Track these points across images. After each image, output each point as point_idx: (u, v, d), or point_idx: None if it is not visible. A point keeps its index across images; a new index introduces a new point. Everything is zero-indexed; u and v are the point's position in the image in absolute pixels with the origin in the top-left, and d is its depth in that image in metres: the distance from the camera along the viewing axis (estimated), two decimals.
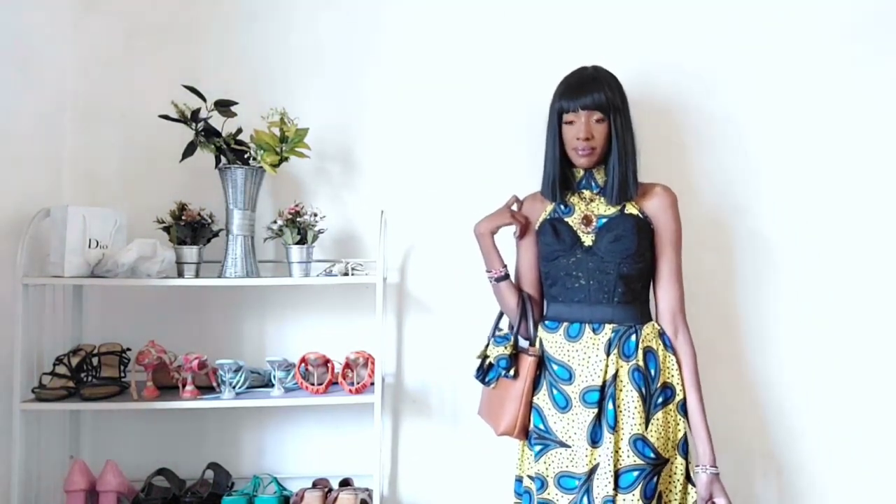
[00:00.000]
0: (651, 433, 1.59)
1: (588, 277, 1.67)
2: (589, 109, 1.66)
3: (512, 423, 1.69)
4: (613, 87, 1.69)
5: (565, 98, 1.70)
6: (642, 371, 1.62)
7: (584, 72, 1.73)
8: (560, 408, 1.66)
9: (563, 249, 1.69)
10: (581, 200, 1.74)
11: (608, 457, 1.58)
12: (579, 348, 1.66)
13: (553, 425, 1.66)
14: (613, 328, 1.65)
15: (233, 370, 1.90)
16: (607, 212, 1.70)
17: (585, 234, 1.70)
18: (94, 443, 2.10)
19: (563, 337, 1.69)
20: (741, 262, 2.17)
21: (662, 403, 1.62)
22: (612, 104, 1.66)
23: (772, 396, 2.15)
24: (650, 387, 1.62)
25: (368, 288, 2.10)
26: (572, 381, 1.65)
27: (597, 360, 1.64)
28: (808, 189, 2.17)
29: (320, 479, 2.04)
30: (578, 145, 1.67)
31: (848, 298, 2.16)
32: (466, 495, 2.15)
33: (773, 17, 2.18)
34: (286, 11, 2.18)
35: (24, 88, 1.97)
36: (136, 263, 1.89)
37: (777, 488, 2.15)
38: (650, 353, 1.65)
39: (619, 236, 1.65)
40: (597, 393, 1.62)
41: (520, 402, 1.68)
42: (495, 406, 1.74)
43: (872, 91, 2.18)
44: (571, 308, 1.70)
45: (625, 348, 1.64)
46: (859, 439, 2.15)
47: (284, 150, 1.95)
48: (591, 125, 1.66)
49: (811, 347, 2.16)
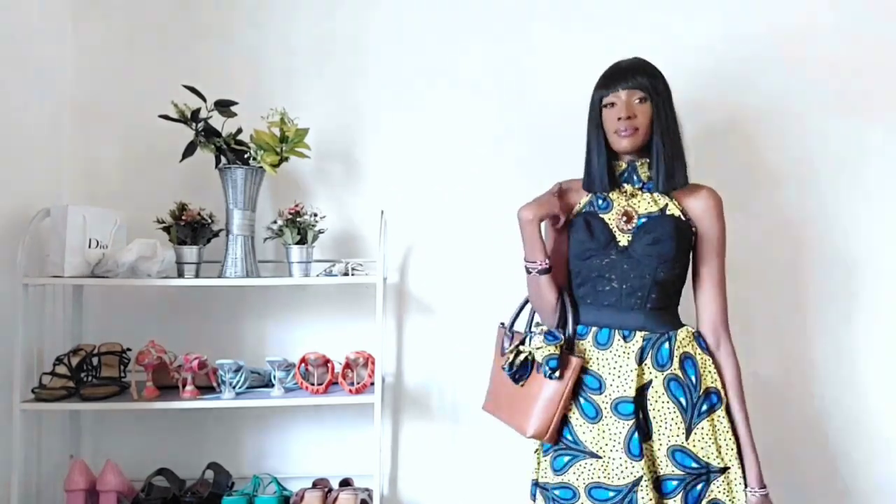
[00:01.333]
0: (694, 443, 1.50)
1: (621, 281, 1.56)
2: (629, 89, 1.56)
3: (546, 426, 1.55)
4: (655, 74, 1.60)
5: (605, 86, 1.60)
6: (680, 381, 1.53)
7: (623, 62, 1.64)
8: (589, 418, 1.55)
9: (597, 248, 1.58)
10: (621, 195, 1.62)
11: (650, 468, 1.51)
12: (609, 357, 1.55)
13: (582, 436, 1.55)
14: (645, 336, 1.54)
15: (233, 370, 1.90)
16: (649, 210, 1.59)
17: (622, 232, 1.58)
18: (94, 443, 2.11)
19: (593, 344, 1.58)
20: (742, 262, 2.16)
21: (708, 411, 1.52)
22: (654, 87, 1.57)
23: (770, 397, 2.15)
24: (691, 395, 1.52)
25: (368, 288, 2.10)
26: (602, 390, 1.55)
27: (628, 369, 1.53)
28: (807, 188, 2.17)
29: (320, 479, 2.04)
30: (620, 126, 1.56)
31: (849, 299, 2.17)
32: (466, 495, 2.15)
33: (771, 9, 2.18)
34: (286, 12, 2.18)
35: (24, 88, 1.97)
36: (136, 263, 1.89)
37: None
38: (688, 358, 1.55)
39: (657, 239, 1.54)
40: (630, 404, 1.52)
41: (557, 405, 1.54)
42: (523, 406, 1.58)
43: (871, 84, 2.18)
44: (601, 312, 1.59)
45: (658, 357, 1.54)
46: (860, 440, 2.15)
47: (284, 150, 1.95)
48: (632, 104, 1.56)
49: (812, 347, 2.16)
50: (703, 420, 1.52)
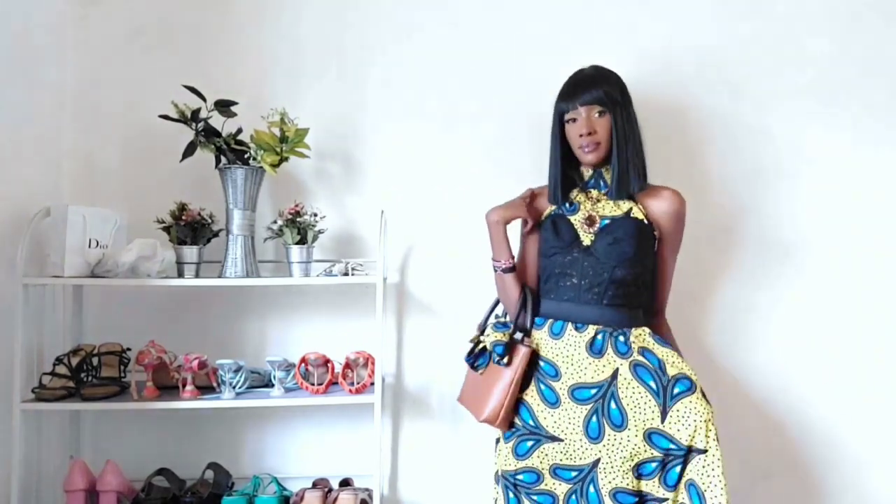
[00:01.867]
0: (670, 425, 1.56)
1: (580, 277, 1.66)
2: (588, 105, 1.65)
3: (496, 410, 1.66)
4: (612, 82, 1.68)
5: (564, 99, 1.70)
6: (646, 366, 1.61)
7: (581, 72, 1.73)
8: (550, 403, 1.65)
9: (561, 247, 1.68)
10: (588, 199, 1.72)
11: (613, 452, 1.57)
12: (562, 346, 1.66)
13: (543, 420, 1.65)
14: (598, 329, 1.64)
15: (233, 370, 1.90)
16: (613, 213, 1.68)
17: (586, 233, 1.68)
18: (94, 443, 2.10)
19: (548, 334, 1.68)
20: (745, 263, 2.17)
21: (682, 394, 1.58)
22: (611, 98, 1.65)
23: (772, 398, 2.15)
24: (660, 379, 1.59)
25: (368, 288, 2.10)
26: (559, 377, 1.65)
27: (579, 358, 1.63)
28: (814, 190, 2.17)
29: (320, 479, 2.04)
30: (582, 142, 1.66)
31: (853, 300, 2.16)
32: (466, 495, 2.15)
33: (778, 12, 2.18)
34: (286, 11, 2.18)
35: (25, 88, 1.97)
36: (136, 263, 1.89)
37: (776, 489, 2.15)
38: (646, 350, 1.63)
39: (617, 239, 1.64)
40: (588, 391, 1.61)
41: (507, 390, 1.65)
42: (480, 392, 1.71)
43: (878, 86, 2.18)
44: (560, 305, 1.69)
45: (617, 346, 1.63)
46: (862, 442, 2.15)
47: (284, 150, 1.95)
48: (592, 119, 1.65)
49: (814, 348, 2.16)
50: (678, 402, 1.58)
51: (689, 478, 1.55)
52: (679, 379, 1.60)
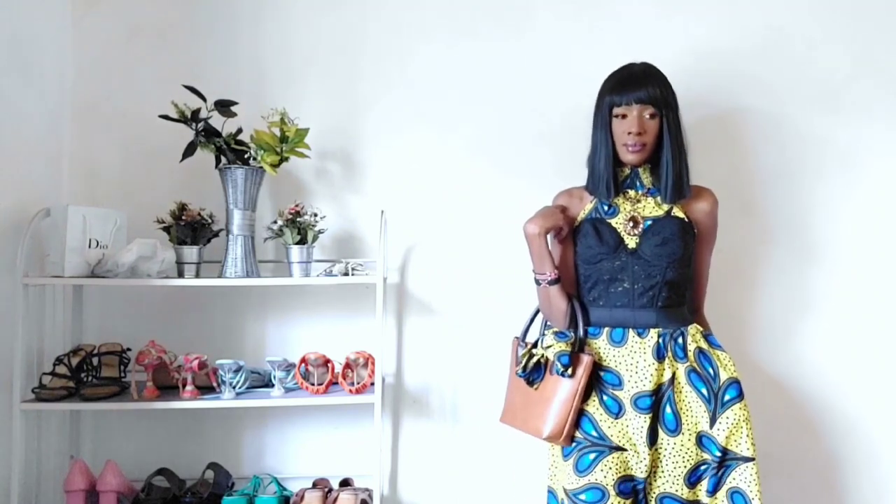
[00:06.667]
0: (719, 431, 1.55)
1: (633, 281, 1.62)
2: (643, 103, 1.60)
3: (561, 425, 1.58)
4: (666, 84, 1.64)
5: (617, 92, 1.63)
6: (699, 372, 1.59)
7: (635, 67, 1.68)
8: (613, 413, 1.60)
9: (607, 252, 1.63)
10: (627, 200, 1.68)
11: (666, 458, 1.56)
12: (626, 353, 1.61)
13: (607, 430, 1.59)
14: (659, 332, 1.61)
15: (233, 370, 1.90)
16: (654, 213, 1.66)
17: (630, 236, 1.64)
18: (94, 443, 2.10)
19: (607, 342, 1.63)
20: (747, 262, 2.17)
21: (732, 401, 1.57)
22: (665, 100, 1.62)
23: (775, 397, 2.15)
24: (711, 385, 1.58)
25: (368, 288, 2.10)
26: (622, 386, 1.60)
27: (645, 364, 1.59)
28: (818, 188, 2.17)
29: (320, 479, 2.04)
30: (629, 140, 1.61)
31: (856, 299, 2.17)
32: (466, 495, 2.15)
33: (780, 10, 2.19)
34: (286, 11, 2.18)
35: (25, 88, 1.97)
36: (136, 263, 1.89)
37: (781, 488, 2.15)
38: (701, 352, 1.61)
39: (666, 239, 1.61)
40: (648, 399, 1.58)
41: (571, 403, 1.58)
42: (538, 408, 1.62)
43: (881, 82, 2.18)
44: (613, 312, 1.64)
45: (676, 350, 1.60)
46: (863, 442, 2.15)
47: (284, 150, 1.95)
48: (643, 120, 1.61)
49: (815, 348, 2.16)
50: (728, 409, 1.57)
51: (735, 485, 1.54)
52: (730, 385, 1.58)
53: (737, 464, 1.54)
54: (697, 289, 1.80)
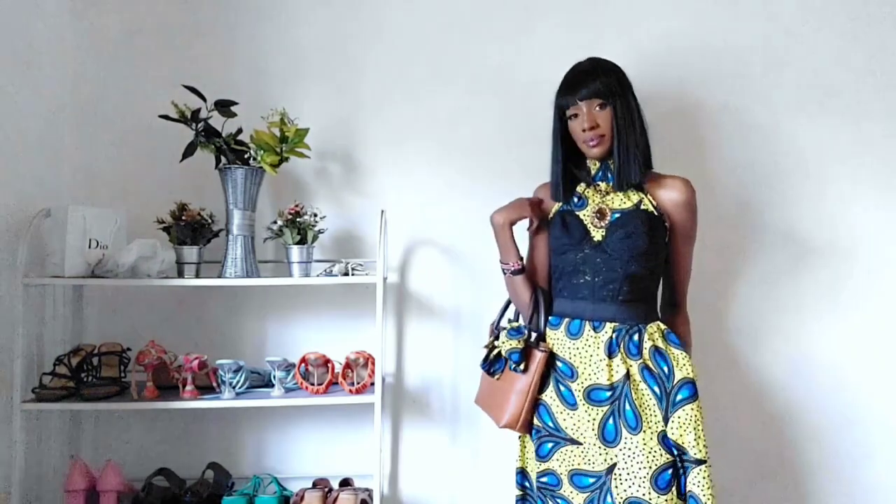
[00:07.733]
0: (672, 430, 1.53)
1: (594, 274, 1.63)
2: (587, 99, 1.63)
3: (515, 416, 1.66)
4: (609, 73, 1.65)
5: (563, 94, 1.67)
6: (652, 371, 1.58)
7: (579, 66, 1.70)
8: (569, 405, 1.62)
9: (572, 244, 1.66)
10: (596, 193, 1.69)
11: (629, 457, 1.53)
12: (580, 346, 1.63)
13: (562, 422, 1.62)
14: (615, 327, 1.61)
15: (233, 370, 1.90)
16: (622, 206, 1.65)
17: (597, 228, 1.65)
18: (94, 443, 2.11)
19: (564, 334, 1.66)
20: (754, 259, 2.17)
21: (684, 401, 1.55)
22: (610, 89, 1.62)
23: (777, 397, 2.15)
24: (664, 384, 1.56)
25: (368, 288, 2.10)
26: (575, 378, 1.62)
27: (597, 359, 1.60)
28: (826, 185, 2.17)
29: (320, 479, 2.04)
30: (586, 136, 1.63)
31: (861, 299, 2.17)
32: (466, 495, 2.15)
33: (780, 10, 2.19)
34: (286, 11, 2.18)
35: (24, 88, 1.97)
36: (137, 263, 1.89)
37: (776, 489, 2.15)
38: (657, 351, 1.60)
39: (630, 233, 1.60)
40: (604, 392, 1.58)
41: (525, 396, 1.65)
42: (498, 398, 1.70)
43: (879, 82, 2.19)
44: (575, 304, 1.66)
45: (629, 347, 1.60)
46: (864, 442, 2.15)
47: (284, 150, 1.95)
48: (593, 113, 1.62)
49: (818, 348, 2.16)
50: (679, 409, 1.55)
51: (690, 490, 1.52)
52: (683, 385, 1.56)
53: (690, 466, 1.52)
54: (676, 283, 1.76)
